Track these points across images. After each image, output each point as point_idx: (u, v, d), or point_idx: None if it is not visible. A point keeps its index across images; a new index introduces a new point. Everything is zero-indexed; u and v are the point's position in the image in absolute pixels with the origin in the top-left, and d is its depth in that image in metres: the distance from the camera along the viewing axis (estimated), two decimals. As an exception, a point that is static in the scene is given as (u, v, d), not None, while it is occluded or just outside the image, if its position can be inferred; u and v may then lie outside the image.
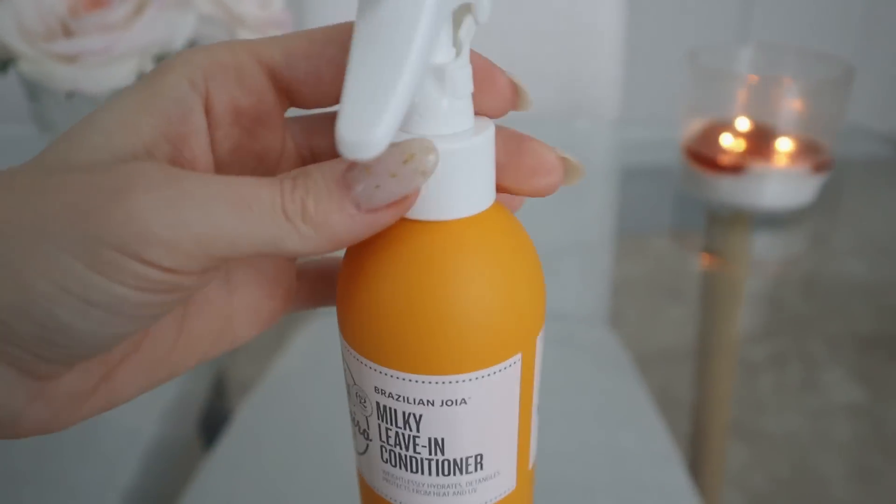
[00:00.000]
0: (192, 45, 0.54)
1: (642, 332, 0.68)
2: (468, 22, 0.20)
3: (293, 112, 0.24)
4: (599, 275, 0.70)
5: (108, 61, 0.47)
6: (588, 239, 0.73)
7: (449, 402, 0.21)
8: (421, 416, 0.22)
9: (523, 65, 0.86)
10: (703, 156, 0.62)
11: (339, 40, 0.21)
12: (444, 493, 0.23)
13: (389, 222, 0.19)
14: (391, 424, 0.22)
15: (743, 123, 0.62)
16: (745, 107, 0.61)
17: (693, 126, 0.65)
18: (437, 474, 0.23)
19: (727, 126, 0.63)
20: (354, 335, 0.22)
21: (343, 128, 0.17)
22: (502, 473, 0.23)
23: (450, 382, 0.21)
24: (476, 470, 0.23)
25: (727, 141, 0.62)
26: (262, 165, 0.23)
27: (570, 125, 0.87)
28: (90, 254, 0.17)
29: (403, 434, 0.22)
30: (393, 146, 0.19)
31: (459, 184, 0.20)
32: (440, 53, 0.20)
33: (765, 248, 0.70)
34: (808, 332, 0.70)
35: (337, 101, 0.19)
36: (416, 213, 0.20)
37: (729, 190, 0.62)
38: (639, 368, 0.56)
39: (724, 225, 0.69)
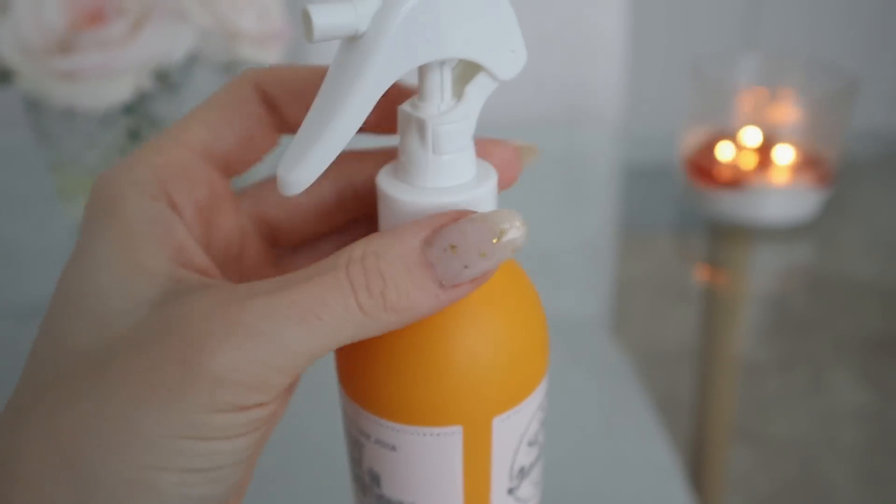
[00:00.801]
0: (191, 60, 0.54)
1: (644, 336, 0.68)
2: (481, 78, 0.20)
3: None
4: (602, 278, 0.70)
5: (106, 77, 0.47)
6: (590, 243, 0.73)
7: (379, 442, 0.22)
8: (363, 445, 0.22)
9: (526, 71, 0.86)
10: (704, 169, 0.62)
11: (248, 102, 0.22)
12: None
13: (467, 294, 0.19)
14: (348, 445, 0.23)
15: (745, 135, 0.62)
16: (747, 117, 0.60)
17: (694, 136, 0.64)
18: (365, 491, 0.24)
19: (729, 137, 0.62)
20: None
21: (279, 165, 0.18)
22: None
23: (380, 424, 0.21)
24: None
25: (728, 153, 0.62)
26: (229, 253, 0.23)
27: (573, 131, 0.87)
28: (193, 427, 0.16)
29: (353, 456, 0.23)
30: (479, 222, 0.18)
31: None
32: (429, 105, 0.20)
33: (766, 263, 0.70)
34: (816, 336, 0.70)
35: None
36: None
37: (729, 205, 0.61)
38: (641, 371, 0.56)
39: (724, 238, 0.69)
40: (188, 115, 0.21)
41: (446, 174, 0.20)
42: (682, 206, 0.69)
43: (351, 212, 0.24)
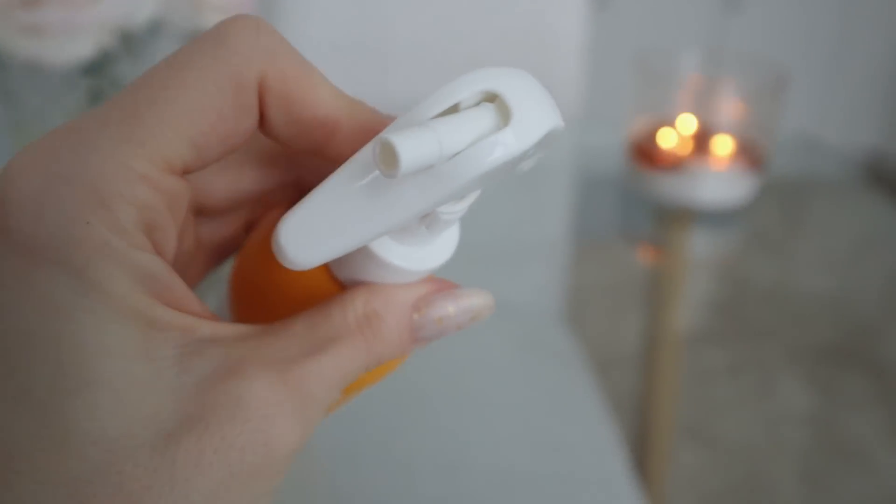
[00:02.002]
0: (156, 25, 0.55)
1: (603, 334, 0.69)
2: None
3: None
4: (558, 274, 0.71)
5: (69, 33, 0.48)
6: (547, 238, 0.74)
7: None
8: None
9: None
10: (646, 153, 0.64)
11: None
12: None
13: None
14: None
15: (684, 123, 0.65)
16: (686, 107, 0.63)
17: (637, 125, 0.67)
18: None
19: (669, 125, 0.65)
20: None
21: (285, 236, 0.18)
22: None
23: None
24: None
25: (669, 140, 0.65)
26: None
27: None
28: (260, 500, 0.17)
29: None
30: (465, 300, 0.20)
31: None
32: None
33: (706, 245, 0.72)
34: (766, 342, 0.71)
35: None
36: (343, 277, 0.21)
37: (670, 187, 0.64)
38: (596, 369, 0.57)
39: (666, 220, 0.71)
40: (163, 118, 0.17)
41: (437, 250, 0.21)
42: (626, 189, 0.71)
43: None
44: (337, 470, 0.43)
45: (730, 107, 0.62)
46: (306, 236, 0.17)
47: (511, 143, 0.17)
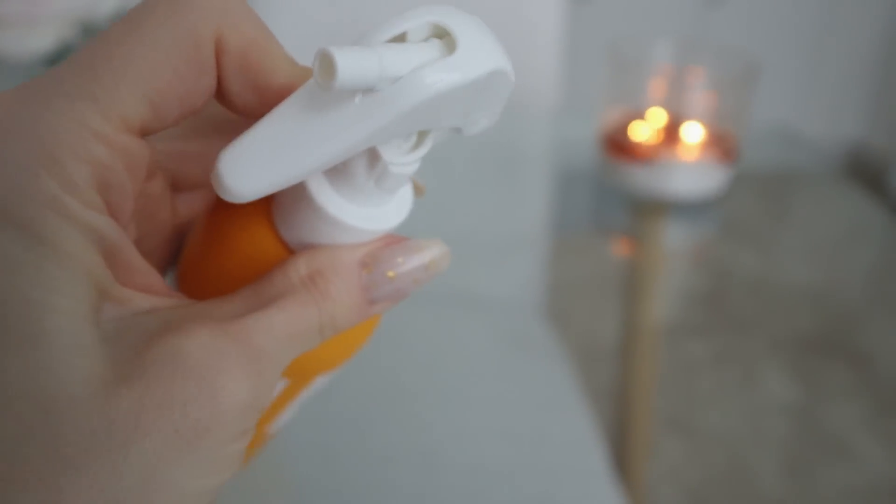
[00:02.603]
0: (117, 16, 0.54)
1: (583, 327, 0.69)
2: (448, 132, 0.19)
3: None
4: (537, 268, 0.71)
5: (28, 25, 0.47)
6: (526, 231, 0.74)
7: None
8: None
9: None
10: (618, 145, 0.64)
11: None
12: None
13: (388, 309, 0.20)
14: None
15: (656, 114, 0.64)
16: (657, 98, 0.63)
17: (610, 116, 0.67)
18: None
19: (641, 116, 0.65)
20: None
21: (224, 165, 0.17)
22: None
23: None
24: None
25: (640, 131, 0.64)
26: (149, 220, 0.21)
27: (509, 117, 0.89)
28: (216, 460, 0.16)
29: None
30: (415, 252, 0.19)
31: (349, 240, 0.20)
32: (390, 146, 0.19)
33: (682, 237, 0.72)
34: (749, 333, 0.72)
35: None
36: (292, 241, 0.20)
37: (642, 179, 0.64)
38: (576, 362, 0.57)
39: (642, 214, 0.71)
40: (119, 74, 0.16)
41: (380, 208, 0.20)
42: (601, 182, 0.71)
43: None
44: (314, 463, 0.43)
45: (701, 97, 0.62)
46: (246, 165, 0.17)
47: (454, 71, 0.17)
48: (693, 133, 0.64)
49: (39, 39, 0.48)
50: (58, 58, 0.53)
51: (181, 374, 0.15)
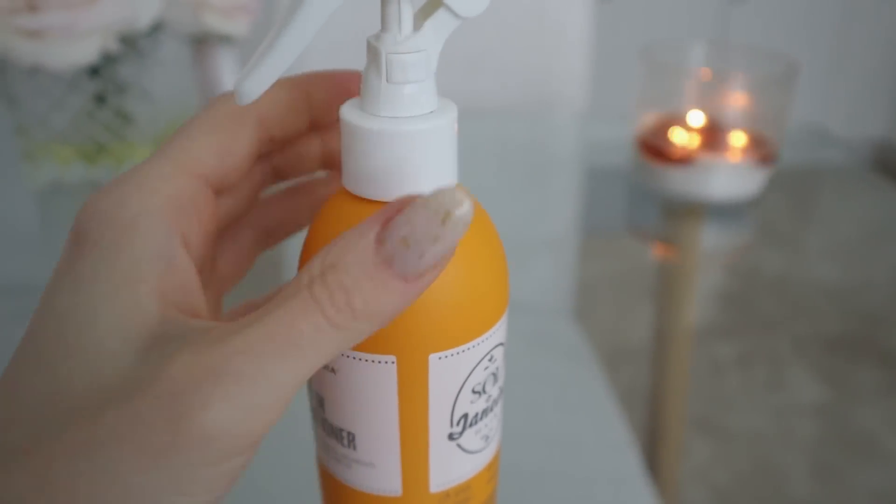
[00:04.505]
0: (158, 27, 0.55)
1: (611, 328, 0.69)
2: (441, 13, 0.20)
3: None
4: (566, 269, 0.71)
5: (71, 37, 0.48)
6: (555, 233, 0.74)
7: (327, 369, 0.22)
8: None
9: (493, 60, 0.88)
10: (655, 148, 0.64)
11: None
12: (329, 454, 0.24)
13: (435, 278, 0.18)
14: None
15: (693, 117, 0.64)
16: (695, 101, 0.63)
17: (646, 119, 0.67)
18: (323, 430, 0.24)
19: (678, 120, 0.65)
20: None
21: (236, 80, 0.19)
22: (379, 469, 0.23)
23: None
24: (348, 446, 0.23)
25: (678, 134, 0.64)
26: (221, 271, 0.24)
27: (538, 119, 0.90)
28: (182, 484, 0.16)
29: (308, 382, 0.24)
30: (422, 207, 0.17)
31: (410, 166, 0.20)
32: (387, 36, 0.20)
33: (716, 239, 0.72)
34: (773, 329, 0.71)
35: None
36: (365, 192, 0.21)
37: (679, 181, 0.64)
38: (605, 364, 0.57)
39: (676, 214, 0.71)
40: (190, 134, 0.20)
41: (402, 104, 0.20)
42: (635, 184, 0.71)
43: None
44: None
45: (738, 100, 0.62)
46: (249, 70, 0.19)
47: None
48: (732, 136, 0.64)
49: (81, 51, 0.49)
50: (101, 70, 0.54)
51: (151, 396, 0.16)
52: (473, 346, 0.22)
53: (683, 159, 0.63)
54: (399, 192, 0.20)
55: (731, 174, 0.63)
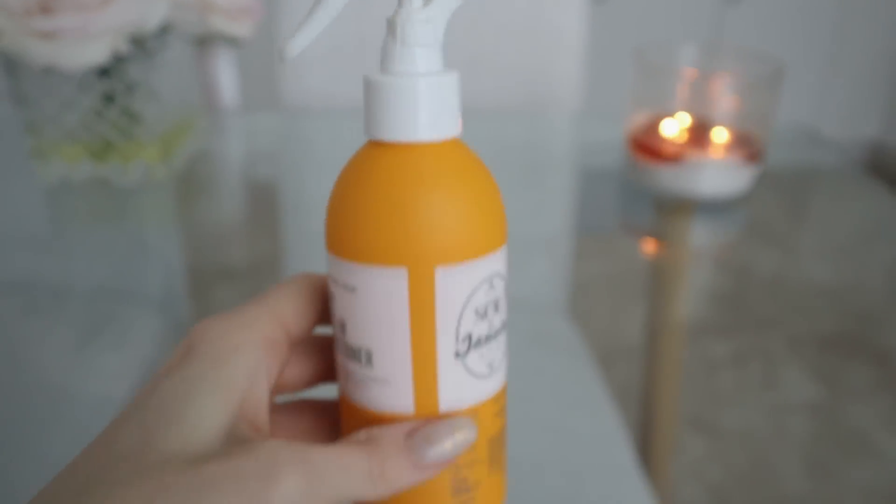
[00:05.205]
0: (166, 29, 0.56)
1: (606, 326, 0.70)
2: None
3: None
4: (561, 267, 0.72)
5: (83, 39, 0.50)
6: (549, 233, 0.75)
7: (346, 286, 0.25)
8: (335, 295, 0.26)
9: (489, 61, 0.90)
10: (646, 146, 0.66)
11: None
12: (349, 380, 0.27)
13: (437, 474, 0.25)
14: (330, 306, 0.27)
15: (683, 116, 0.66)
16: (685, 100, 0.65)
17: (638, 118, 0.68)
18: (344, 356, 0.26)
19: (668, 118, 0.67)
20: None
21: (284, 41, 0.24)
22: (393, 385, 0.26)
23: (346, 266, 0.25)
24: (366, 364, 0.26)
25: (668, 132, 0.66)
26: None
27: (533, 119, 0.92)
28: None
29: (332, 315, 0.27)
30: (443, 424, 0.25)
31: (419, 111, 0.24)
32: (401, 9, 0.24)
33: (707, 236, 0.73)
34: (766, 327, 0.72)
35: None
36: (385, 135, 0.25)
37: (669, 179, 0.65)
38: (600, 361, 0.58)
39: (668, 214, 0.72)
40: (280, 294, 0.27)
41: (413, 62, 0.24)
42: (627, 182, 0.72)
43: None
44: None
45: (727, 100, 0.64)
46: (294, 31, 0.24)
47: None
48: (720, 134, 0.65)
49: (93, 52, 0.50)
50: (111, 71, 0.56)
51: (246, 459, 0.21)
52: (475, 265, 0.25)
53: (673, 157, 0.64)
54: (410, 133, 0.24)
55: (719, 171, 0.65)
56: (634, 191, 0.72)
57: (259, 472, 0.21)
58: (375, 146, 0.25)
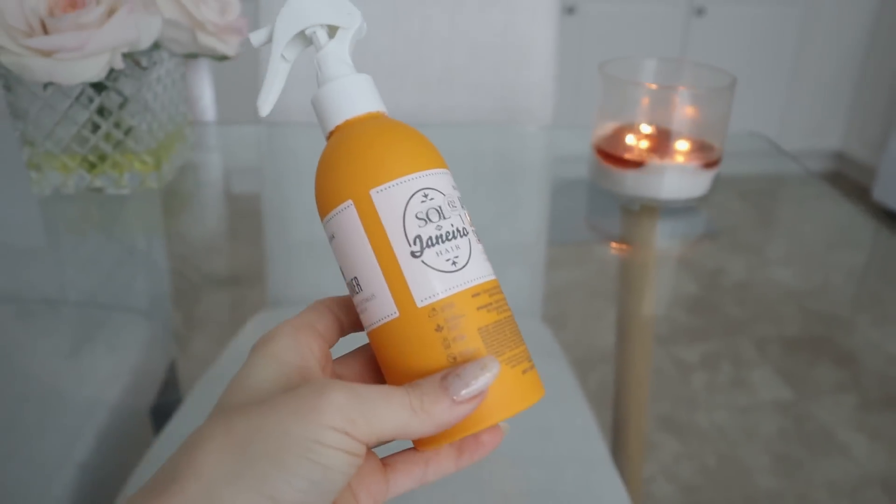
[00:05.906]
0: (157, 46, 0.59)
1: (580, 332, 0.72)
2: (339, 32, 0.33)
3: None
4: (535, 275, 0.74)
5: (81, 57, 0.52)
6: (522, 241, 0.77)
7: (331, 239, 0.31)
8: (334, 252, 0.32)
9: (463, 76, 0.93)
10: (611, 154, 0.69)
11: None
12: (364, 316, 0.32)
13: (473, 409, 0.29)
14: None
15: (645, 126, 0.70)
16: (646, 112, 0.68)
17: (604, 128, 0.72)
18: (353, 296, 0.32)
19: (632, 129, 0.70)
20: None
21: (258, 102, 0.33)
22: (377, 297, 0.31)
23: (325, 223, 0.31)
24: (359, 290, 0.31)
25: (632, 140, 0.69)
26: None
27: (506, 131, 0.95)
28: (318, 435, 0.26)
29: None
30: (472, 364, 0.29)
31: (340, 101, 0.32)
32: (318, 52, 0.33)
33: (669, 238, 0.75)
34: (736, 331, 0.74)
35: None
36: (326, 127, 0.33)
37: (632, 183, 0.69)
38: (575, 365, 0.60)
39: (633, 216, 0.74)
40: (312, 311, 0.33)
41: (329, 76, 0.32)
42: (594, 187, 0.75)
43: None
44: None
45: (685, 110, 0.68)
46: (260, 95, 0.34)
47: None
48: (679, 142, 0.69)
49: (91, 68, 0.53)
50: (105, 86, 0.58)
51: (301, 388, 0.27)
52: (402, 182, 0.30)
53: (636, 163, 0.68)
54: (337, 116, 0.32)
55: (679, 176, 0.69)
56: (602, 196, 0.75)
57: (311, 391, 0.27)
58: (328, 138, 0.32)
